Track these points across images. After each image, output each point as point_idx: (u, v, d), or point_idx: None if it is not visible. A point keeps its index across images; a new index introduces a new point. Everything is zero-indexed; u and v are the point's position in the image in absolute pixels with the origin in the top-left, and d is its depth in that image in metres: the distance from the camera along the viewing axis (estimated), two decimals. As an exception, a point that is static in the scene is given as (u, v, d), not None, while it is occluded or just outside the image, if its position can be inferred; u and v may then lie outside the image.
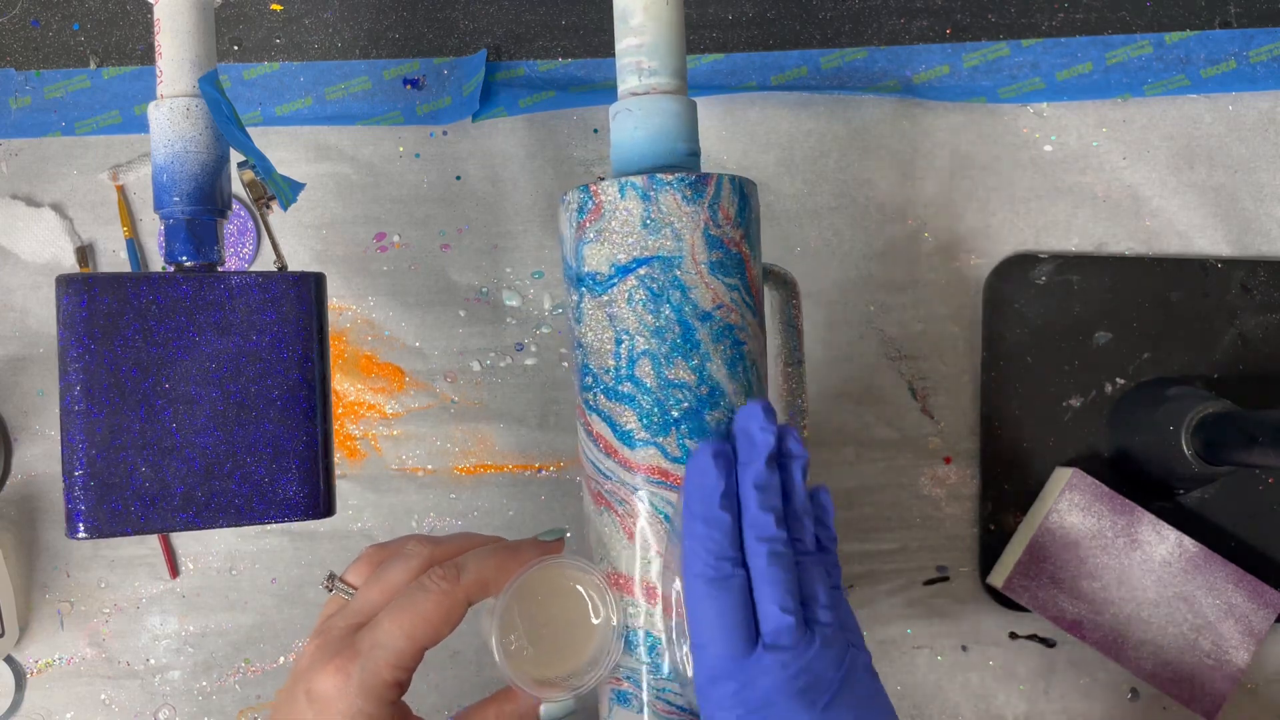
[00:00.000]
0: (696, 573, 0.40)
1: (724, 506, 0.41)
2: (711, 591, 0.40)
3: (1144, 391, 0.63)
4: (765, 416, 0.42)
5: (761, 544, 0.40)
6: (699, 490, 0.41)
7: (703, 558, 0.40)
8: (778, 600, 0.40)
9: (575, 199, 0.46)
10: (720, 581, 0.40)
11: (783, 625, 0.39)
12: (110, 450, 0.46)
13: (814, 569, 0.42)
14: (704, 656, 0.40)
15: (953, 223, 0.64)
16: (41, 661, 0.63)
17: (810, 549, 0.42)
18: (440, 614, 0.43)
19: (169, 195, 0.49)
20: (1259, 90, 0.64)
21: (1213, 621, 0.59)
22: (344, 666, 0.42)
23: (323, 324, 0.50)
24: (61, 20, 0.65)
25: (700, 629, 0.40)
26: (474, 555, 0.45)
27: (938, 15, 0.65)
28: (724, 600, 0.40)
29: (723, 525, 0.41)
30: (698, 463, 0.41)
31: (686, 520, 0.41)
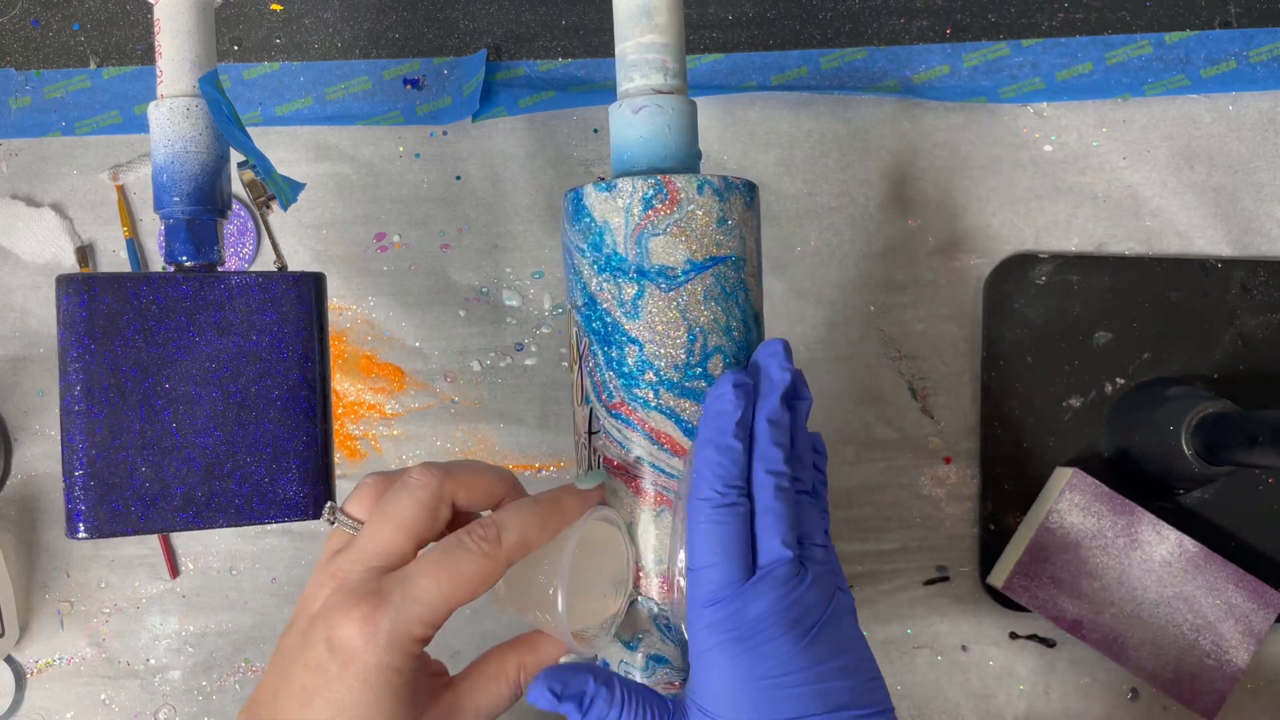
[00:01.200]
0: (704, 497, 0.41)
1: (738, 435, 0.41)
2: (717, 516, 0.40)
3: (1144, 391, 0.63)
4: (785, 355, 0.43)
5: (769, 477, 0.41)
6: (716, 417, 0.42)
7: (711, 482, 0.41)
8: (780, 534, 0.40)
9: (639, 188, 0.44)
10: (726, 508, 0.41)
11: (781, 558, 0.40)
12: (110, 450, 0.46)
13: (811, 510, 0.42)
14: (701, 579, 0.40)
15: (953, 223, 0.64)
16: (41, 661, 0.63)
17: (808, 489, 0.43)
18: (480, 576, 0.41)
19: (169, 195, 0.49)
20: (1259, 90, 0.64)
21: (1213, 621, 0.59)
22: (371, 615, 0.39)
23: (323, 324, 0.50)
24: (61, 20, 0.65)
25: (701, 552, 0.41)
26: (514, 513, 0.43)
27: (938, 15, 0.65)
28: (728, 526, 0.40)
29: (734, 454, 0.41)
30: (718, 390, 0.42)
31: (699, 445, 0.42)
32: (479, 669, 0.44)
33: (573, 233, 0.46)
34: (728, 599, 0.40)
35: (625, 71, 0.47)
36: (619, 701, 0.40)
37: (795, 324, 0.64)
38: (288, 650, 0.41)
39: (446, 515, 0.43)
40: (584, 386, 0.46)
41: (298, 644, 0.40)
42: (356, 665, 0.39)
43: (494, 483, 0.44)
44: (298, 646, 0.40)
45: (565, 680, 0.40)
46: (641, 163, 0.47)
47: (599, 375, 0.45)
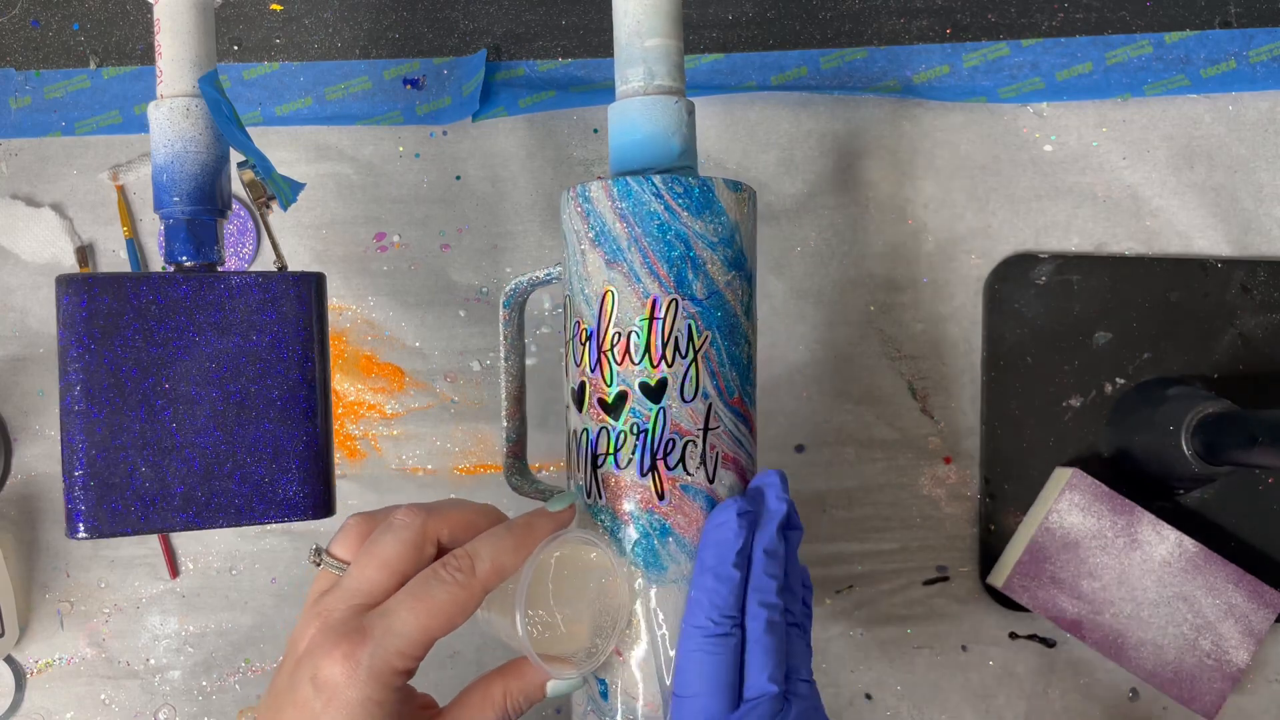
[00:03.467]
0: (698, 625, 0.41)
1: (737, 564, 0.42)
2: (708, 646, 0.41)
3: (1144, 391, 0.63)
4: (782, 486, 0.43)
5: (762, 609, 0.41)
6: (717, 545, 0.42)
7: (707, 611, 0.41)
8: (768, 669, 0.41)
9: (751, 193, 0.47)
10: (719, 639, 0.41)
11: (766, 693, 0.41)
12: (110, 450, 0.46)
13: (798, 644, 0.43)
14: (686, 707, 0.41)
15: (953, 223, 0.64)
16: (41, 661, 0.63)
17: (798, 621, 0.43)
18: (456, 606, 0.42)
19: (169, 195, 0.49)
20: (1259, 90, 0.64)
21: (1213, 621, 0.59)
22: (352, 653, 0.40)
23: (323, 324, 0.50)
24: (61, 20, 0.65)
25: (688, 680, 0.41)
26: (487, 541, 0.44)
27: (938, 15, 0.65)
28: (719, 658, 0.41)
29: (733, 583, 0.42)
30: (722, 517, 0.43)
31: (698, 571, 0.42)
32: (465, 698, 0.45)
33: (696, 223, 0.45)
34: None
35: (624, 72, 0.47)
36: None
37: (795, 324, 0.64)
38: (279, 690, 0.42)
39: (431, 553, 0.43)
40: (699, 381, 0.45)
41: (286, 684, 0.41)
42: (340, 701, 0.40)
43: (477, 518, 0.45)
44: (286, 686, 0.41)
45: None
46: (640, 163, 0.47)
47: (722, 371, 0.45)
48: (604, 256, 0.45)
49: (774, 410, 0.64)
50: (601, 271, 0.45)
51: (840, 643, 0.63)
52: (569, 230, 0.47)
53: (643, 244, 0.45)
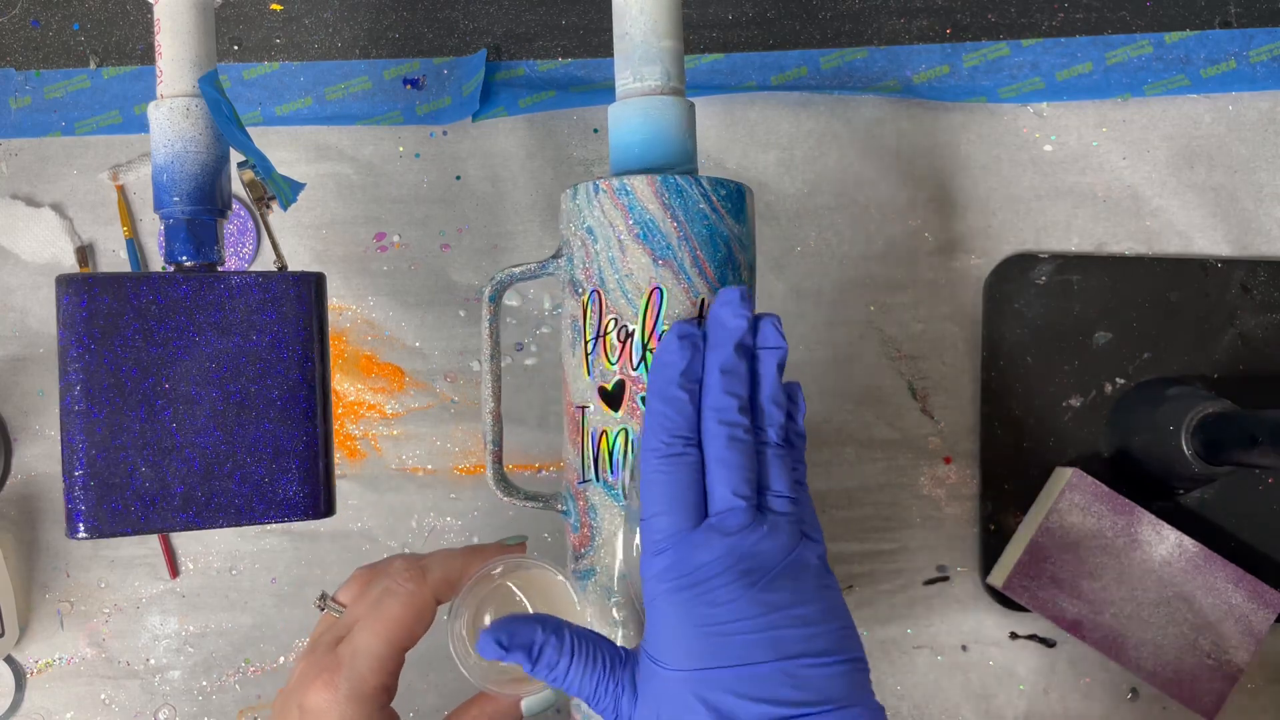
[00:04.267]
0: (651, 448, 0.41)
1: (682, 386, 0.41)
2: (663, 466, 0.40)
3: (1144, 391, 0.63)
4: (741, 302, 0.42)
5: (721, 427, 0.40)
6: (661, 369, 0.42)
7: (658, 434, 0.41)
8: (730, 484, 0.40)
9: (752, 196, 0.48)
10: (673, 458, 0.40)
11: (732, 507, 0.39)
12: (110, 450, 0.46)
13: (776, 461, 0.41)
14: (650, 528, 0.40)
15: (953, 223, 0.64)
16: (41, 661, 0.63)
17: (774, 440, 0.42)
18: (411, 614, 0.45)
19: (169, 195, 0.49)
20: (1259, 90, 0.64)
21: (1213, 621, 0.59)
22: (330, 680, 0.44)
23: (323, 324, 0.50)
24: (61, 20, 0.65)
25: (650, 502, 0.40)
26: (439, 555, 0.47)
27: (938, 15, 0.65)
28: (674, 475, 0.40)
29: (678, 404, 0.41)
30: (664, 342, 0.42)
31: (648, 399, 0.42)
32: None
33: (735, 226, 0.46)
34: (673, 547, 0.39)
35: (624, 72, 0.47)
36: (569, 650, 0.40)
37: (795, 324, 0.64)
38: None
39: None
40: None
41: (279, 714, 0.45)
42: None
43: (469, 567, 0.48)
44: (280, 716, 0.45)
45: (513, 630, 0.40)
46: (641, 163, 0.47)
47: None
48: (651, 253, 0.45)
49: (774, 410, 0.64)
50: (648, 269, 0.45)
51: (840, 643, 0.63)
52: (599, 223, 0.45)
53: (692, 243, 0.45)
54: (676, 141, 0.47)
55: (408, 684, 0.62)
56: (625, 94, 0.47)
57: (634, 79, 0.47)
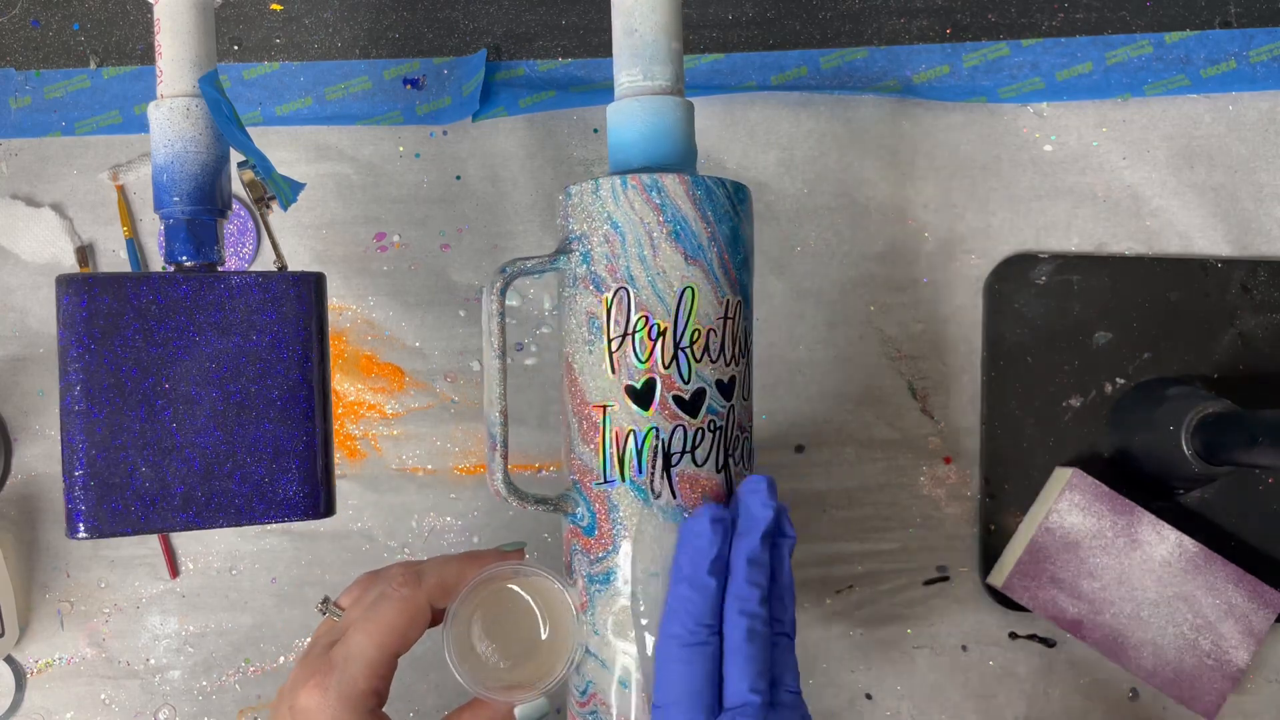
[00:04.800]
0: (672, 634, 0.41)
1: (712, 572, 0.41)
2: (684, 655, 0.41)
3: (1144, 391, 0.63)
4: (769, 491, 0.43)
5: (743, 618, 0.41)
6: (691, 552, 0.42)
7: (682, 620, 0.41)
8: (748, 679, 0.40)
9: None
10: (695, 647, 0.41)
11: (746, 703, 0.40)
12: (110, 450, 0.46)
13: (786, 652, 0.42)
14: (662, 716, 0.41)
15: (953, 223, 0.64)
16: (41, 661, 0.63)
17: (787, 632, 0.43)
18: (405, 619, 0.45)
19: (169, 195, 0.49)
20: (1259, 90, 0.64)
21: (1213, 621, 0.59)
22: (322, 682, 0.44)
23: (323, 324, 0.50)
24: (61, 20, 0.65)
25: (665, 690, 0.41)
26: (435, 561, 0.47)
27: (938, 15, 0.65)
28: (695, 666, 0.41)
29: (708, 591, 0.41)
30: (696, 525, 0.42)
31: (673, 580, 0.42)
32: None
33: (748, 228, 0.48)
34: None
35: (623, 71, 0.47)
36: None
37: (795, 324, 0.64)
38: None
39: None
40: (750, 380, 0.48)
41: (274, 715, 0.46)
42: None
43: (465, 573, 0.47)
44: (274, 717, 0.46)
45: None
46: (641, 163, 0.47)
47: None
48: (683, 252, 0.45)
49: (774, 410, 0.64)
50: (680, 267, 0.45)
51: (840, 643, 0.63)
52: (628, 220, 0.45)
53: (719, 244, 0.46)
54: (676, 141, 0.47)
55: (408, 684, 0.62)
56: (624, 94, 0.47)
57: (633, 78, 0.47)
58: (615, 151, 0.48)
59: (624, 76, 0.47)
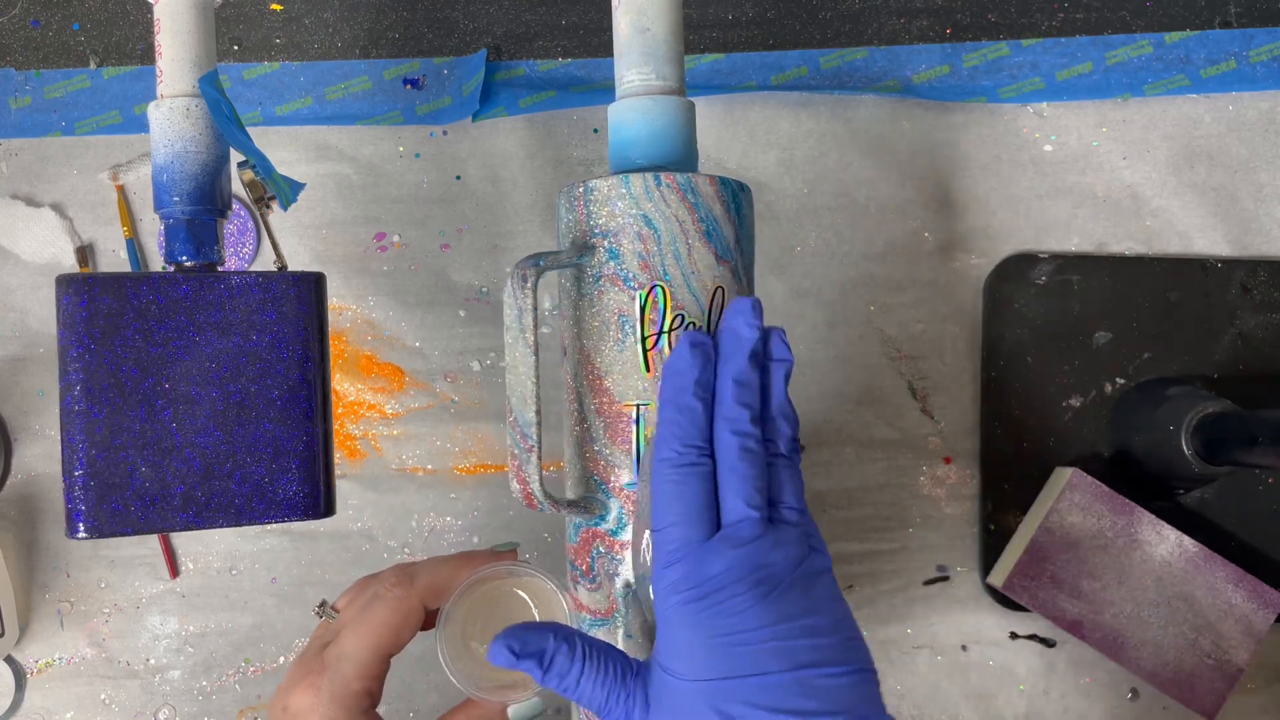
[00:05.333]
0: (663, 458, 0.41)
1: (696, 395, 0.41)
2: (676, 476, 0.40)
3: (1144, 391, 0.63)
4: (753, 312, 0.42)
5: (734, 437, 0.40)
6: (674, 377, 0.41)
7: (670, 443, 0.40)
8: (743, 494, 0.40)
9: None
10: (686, 468, 0.40)
11: (744, 518, 0.39)
12: (110, 450, 0.46)
13: (785, 473, 0.41)
14: (662, 539, 0.40)
15: (953, 223, 0.64)
16: (41, 661, 0.63)
17: (783, 452, 0.42)
18: (397, 619, 0.45)
19: (169, 195, 0.49)
20: (1259, 90, 0.64)
21: (1213, 621, 0.59)
22: (315, 682, 0.44)
23: (323, 324, 0.50)
24: (61, 20, 0.65)
25: (662, 513, 0.40)
26: (428, 562, 0.47)
27: (938, 15, 0.65)
28: (688, 486, 0.40)
29: (693, 413, 0.41)
30: (677, 350, 0.42)
31: (661, 408, 0.42)
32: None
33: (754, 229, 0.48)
34: (686, 558, 0.39)
35: (624, 71, 0.47)
36: (580, 657, 0.40)
37: (795, 324, 0.64)
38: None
39: None
40: None
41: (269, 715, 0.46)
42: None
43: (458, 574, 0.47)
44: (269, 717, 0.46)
45: (524, 638, 0.40)
46: (641, 163, 0.47)
47: None
48: (715, 252, 0.45)
49: (774, 410, 0.64)
50: (712, 267, 0.45)
51: (840, 643, 0.63)
52: (663, 217, 0.45)
53: (742, 245, 0.46)
54: (676, 141, 0.47)
55: (408, 684, 0.62)
56: (625, 93, 0.47)
57: (634, 78, 0.47)
58: (620, 150, 0.48)
59: (635, 75, 0.47)
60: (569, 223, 0.47)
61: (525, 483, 0.44)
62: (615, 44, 0.48)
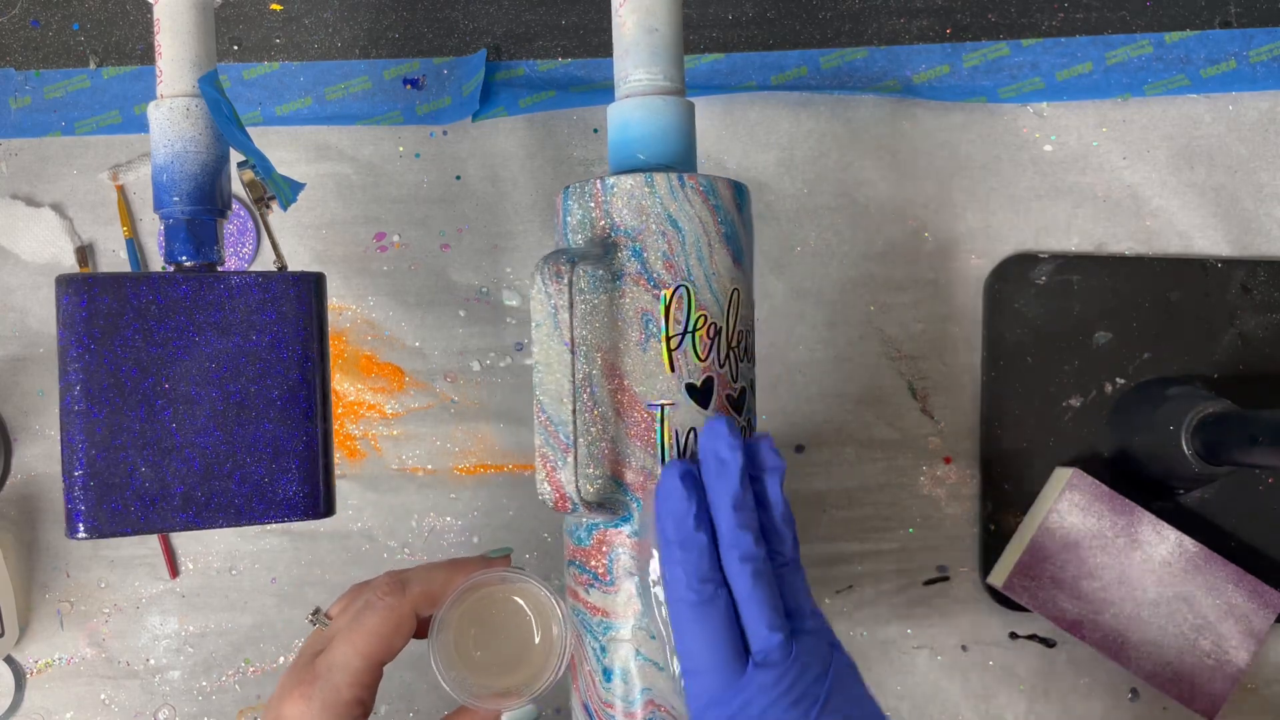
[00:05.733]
0: (679, 597, 0.41)
1: (698, 527, 0.41)
2: (697, 615, 0.40)
3: (1144, 391, 0.63)
4: (730, 433, 0.42)
5: (744, 564, 0.41)
6: (671, 514, 0.41)
7: (684, 580, 0.41)
8: (765, 619, 0.40)
9: None
10: (704, 604, 0.40)
11: (772, 644, 0.40)
12: (110, 450, 0.46)
13: (794, 579, 0.42)
14: (697, 683, 0.41)
15: (953, 223, 0.64)
16: (41, 661, 0.63)
17: (790, 559, 0.42)
18: (389, 628, 0.45)
19: (169, 195, 0.49)
20: (1259, 90, 0.64)
21: (1213, 621, 0.59)
22: (306, 692, 0.44)
23: (323, 324, 0.50)
24: (61, 20, 0.65)
25: (690, 655, 0.41)
26: (420, 569, 0.47)
27: (938, 15, 0.65)
28: (710, 623, 0.40)
29: (699, 546, 0.41)
30: (665, 486, 0.42)
31: (663, 546, 0.42)
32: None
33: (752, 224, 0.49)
34: (727, 699, 0.40)
35: (624, 71, 0.47)
36: None
37: (795, 324, 0.64)
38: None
39: None
40: None
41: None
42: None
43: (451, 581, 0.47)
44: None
45: None
46: (640, 162, 0.47)
47: None
48: (731, 254, 0.46)
49: (774, 410, 0.64)
50: (730, 269, 0.46)
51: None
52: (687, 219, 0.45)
53: (750, 247, 0.47)
54: (675, 141, 0.47)
55: (408, 684, 0.62)
56: (624, 93, 0.47)
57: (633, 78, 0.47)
58: (615, 151, 0.48)
59: (642, 74, 0.47)
60: (582, 220, 0.46)
61: (560, 486, 0.42)
62: (617, 43, 0.48)
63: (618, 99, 0.48)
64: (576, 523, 0.47)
